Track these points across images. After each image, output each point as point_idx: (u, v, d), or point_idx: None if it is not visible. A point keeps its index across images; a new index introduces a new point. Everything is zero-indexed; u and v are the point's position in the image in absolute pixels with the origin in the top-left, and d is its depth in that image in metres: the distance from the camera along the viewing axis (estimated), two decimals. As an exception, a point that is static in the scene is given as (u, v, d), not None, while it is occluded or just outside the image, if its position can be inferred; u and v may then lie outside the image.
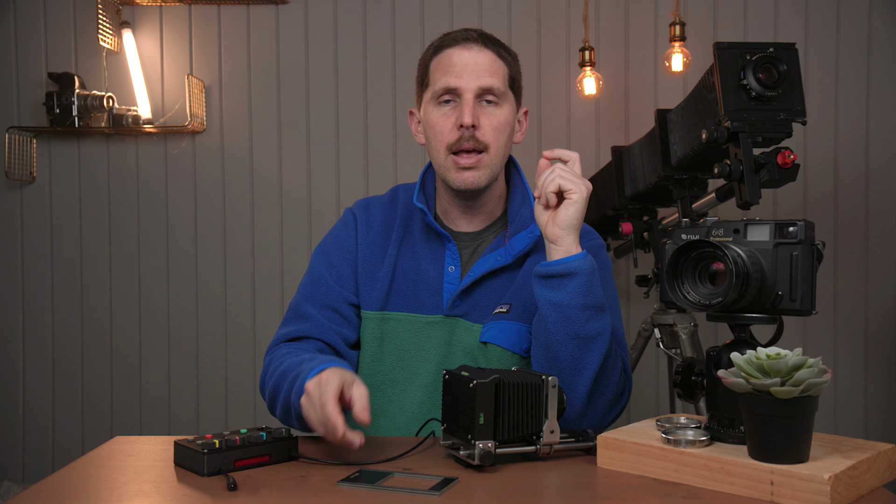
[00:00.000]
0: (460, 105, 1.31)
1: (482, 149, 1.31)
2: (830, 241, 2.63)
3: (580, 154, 1.26)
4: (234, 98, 2.76)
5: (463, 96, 1.31)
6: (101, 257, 2.78)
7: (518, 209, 1.38)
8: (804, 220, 1.01)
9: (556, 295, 1.18)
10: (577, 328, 1.18)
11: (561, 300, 1.18)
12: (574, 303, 1.18)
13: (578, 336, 1.18)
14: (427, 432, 1.21)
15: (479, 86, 1.31)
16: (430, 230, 1.39)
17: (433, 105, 1.34)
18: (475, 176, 1.32)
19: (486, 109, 1.32)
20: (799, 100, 1.48)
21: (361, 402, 1.07)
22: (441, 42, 1.36)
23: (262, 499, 0.94)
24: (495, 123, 1.32)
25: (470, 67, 1.31)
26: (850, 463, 0.91)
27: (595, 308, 1.19)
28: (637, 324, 2.26)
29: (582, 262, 1.19)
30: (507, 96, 1.34)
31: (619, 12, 2.69)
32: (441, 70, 1.33)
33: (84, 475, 1.05)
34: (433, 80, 1.34)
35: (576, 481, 1.01)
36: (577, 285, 1.18)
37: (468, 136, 1.30)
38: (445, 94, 1.32)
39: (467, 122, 1.29)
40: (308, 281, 1.41)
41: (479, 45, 1.33)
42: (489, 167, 1.33)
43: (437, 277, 1.37)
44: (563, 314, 1.18)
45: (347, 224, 1.44)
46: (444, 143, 1.32)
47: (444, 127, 1.32)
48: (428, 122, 1.35)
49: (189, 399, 2.76)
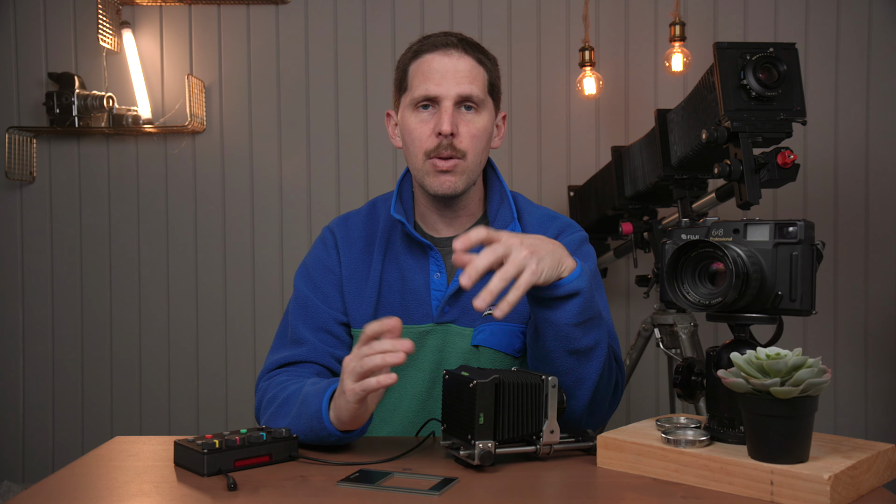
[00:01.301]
0: (439, 112, 1.30)
1: (460, 156, 1.30)
2: (830, 241, 2.63)
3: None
4: (234, 98, 2.76)
5: (442, 104, 1.30)
6: (101, 257, 2.78)
7: (497, 209, 1.38)
8: (804, 220, 1.01)
9: (553, 314, 1.13)
10: (574, 344, 1.14)
11: (558, 320, 1.13)
12: (571, 321, 1.13)
13: (577, 351, 1.15)
14: (427, 432, 1.21)
15: (458, 93, 1.30)
16: (411, 240, 1.38)
17: (411, 110, 1.33)
18: (452, 181, 1.31)
19: (465, 116, 1.31)
20: (799, 100, 1.48)
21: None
22: (420, 46, 1.34)
23: (262, 499, 0.94)
24: (473, 131, 1.31)
25: (450, 74, 1.30)
26: (850, 463, 0.91)
27: (591, 320, 1.15)
28: (637, 324, 2.26)
29: (579, 281, 1.11)
30: (485, 103, 1.33)
31: (619, 12, 2.69)
32: (420, 76, 1.31)
33: (84, 475, 1.05)
34: (412, 85, 1.33)
35: (576, 481, 1.00)
36: (575, 305, 1.12)
37: (446, 143, 1.29)
38: (424, 100, 1.31)
39: (446, 130, 1.28)
40: (296, 305, 1.39)
41: (460, 51, 1.32)
42: (466, 173, 1.32)
43: (424, 286, 1.35)
44: (560, 332, 1.14)
45: (327, 243, 1.43)
46: (423, 149, 1.31)
47: (423, 133, 1.31)
48: (406, 128, 1.34)
49: (189, 399, 2.76)
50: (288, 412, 1.20)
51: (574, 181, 2.64)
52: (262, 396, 1.30)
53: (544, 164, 2.69)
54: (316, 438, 1.14)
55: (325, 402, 1.13)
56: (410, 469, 1.04)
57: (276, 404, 1.24)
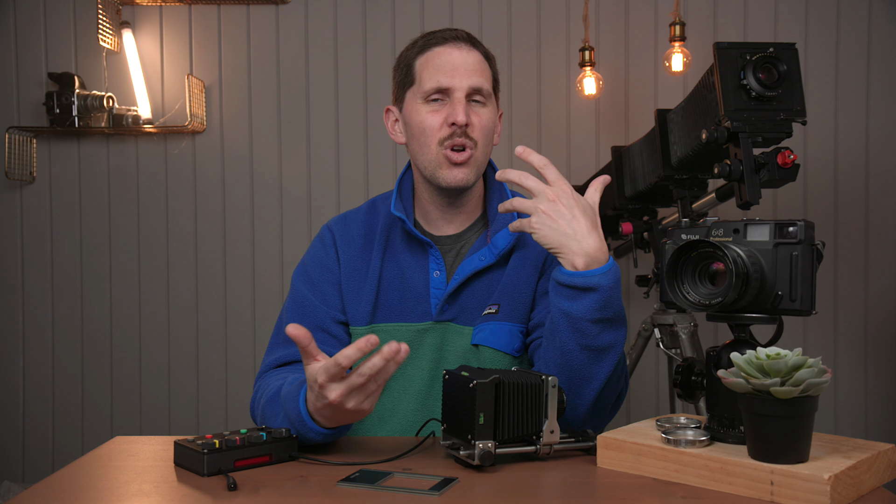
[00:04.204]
0: (450, 104, 1.31)
1: (473, 145, 1.31)
2: (830, 241, 2.63)
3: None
4: (234, 98, 2.76)
5: (454, 95, 1.31)
6: (101, 257, 2.78)
7: (497, 207, 1.38)
8: (804, 220, 1.01)
9: (570, 305, 1.13)
10: (588, 341, 1.14)
11: (575, 312, 1.13)
12: (588, 317, 1.12)
13: (590, 348, 1.14)
14: (427, 432, 1.21)
15: (470, 85, 1.31)
16: (411, 238, 1.38)
17: (421, 103, 1.34)
18: (465, 173, 1.32)
19: (475, 108, 1.33)
20: (799, 100, 1.48)
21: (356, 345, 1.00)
22: (428, 41, 1.35)
23: (262, 499, 0.94)
24: (483, 122, 1.33)
25: (461, 67, 1.31)
26: (850, 463, 0.91)
27: (610, 321, 1.14)
28: (637, 324, 2.26)
29: (603, 276, 1.12)
30: (491, 98, 1.36)
31: (619, 12, 2.69)
32: (431, 69, 1.32)
33: (84, 475, 1.05)
34: (421, 78, 1.33)
35: (576, 481, 1.00)
36: (594, 300, 1.12)
37: (460, 132, 1.30)
38: (436, 92, 1.32)
39: (461, 120, 1.29)
40: (292, 304, 1.39)
41: (469, 45, 1.33)
42: (476, 165, 1.33)
43: (423, 284, 1.35)
44: (575, 325, 1.13)
45: (325, 242, 1.43)
46: (436, 138, 1.32)
47: (435, 123, 1.32)
48: (415, 120, 1.34)
49: (189, 399, 2.76)
50: (276, 412, 1.18)
51: (574, 181, 2.64)
52: (254, 397, 1.30)
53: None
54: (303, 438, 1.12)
55: (301, 403, 1.10)
56: (410, 469, 1.04)
57: (262, 404, 1.23)
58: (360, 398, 1.03)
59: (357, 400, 1.03)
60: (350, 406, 1.03)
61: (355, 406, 1.03)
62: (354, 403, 1.03)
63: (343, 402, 1.03)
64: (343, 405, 1.03)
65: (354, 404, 1.03)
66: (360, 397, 1.03)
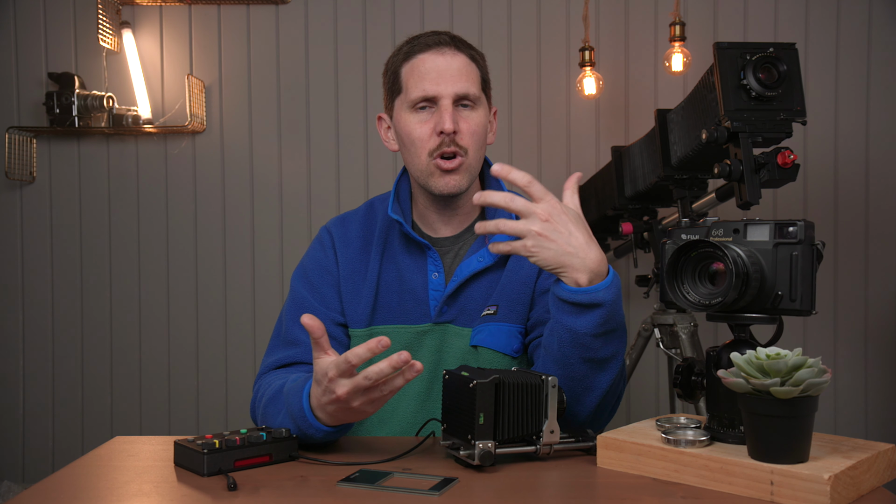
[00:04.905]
0: (438, 111, 1.30)
1: (463, 153, 1.31)
2: (830, 242, 2.63)
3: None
4: (234, 98, 2.76)
5: (440, 102, 1.30)
6: (101, 257, 2.78)
7: (494, 208, 1.37)
8: (804, 220, 1.01)
9: (573, 321, 1.11)
10: (591, 353, 1.13)
11: (579, 328, 1.11)
12: (592, 332, 1.11)
13: (592, 360, 1.14)
14: (427, 432, 1.21)
15: (455, 92, 1.30)
16: (409, 240, 1.37)
17: (409, 112, 1.33)
18: (456, 180, 1.31)
19: (463, 114, 1.31)
20: (799, 100, 1.48)
21: (366, 346, 1.01)
22: (411, 48, 1.33)
23: (262, 499, 0.94)
24: (473, 127, 1.31)
25: (445, 73, 1.30)
26: (850, 463, 0.90)
27: (612, 332, 1.13)
28: (637, 324, 2.26)
29: (607, 291, 1.10)
30: (480, 99, 1.34)
31: (619, 12, 2.69)
32: (416, 77, 1.31)
33: (84, 475, 1.05)
34: (407, 87, 1.32)
35: (576, 481, 1.00)
36: (598, 316, 1.10)
37: (449, 140, 1.29)
38: (422, 101, 1.31)
39: (448, 128, 1.28)
40: (291, 306, 1.38)
41: (452, 49, 1.32)
42: (468, 171, 1.32)
43: (422, 286, 1.35)
44: (578, 341, 1.12)
45: (324, 244, 1.42)
46: (426, 149, 1.31)
47: (423, 133, 1.31)
48: (405, 130, 1.33)
49: (189, 399, 2.76)
50: (277, 410, 1.19)
51: (574, 181, 2.64)
52: (254, 398, 1.30)
53: (544, 163, 2.69)
54: (303, 435, 1.13)
55: (305, 398, 1.11)
56: (410, 469, 1.04)
57: (263, 403, 1.23)
58: (364, 400, 1.05)
59: (362, 401, 1.05)
60: (356, 405, 1.05)
61: (360, 406, 1.05)
62: (359, 403, 1.05)
63: (349, 399, 1.04)
64: (349, 402, 1.05)
65: (359, 404, 1.05)
66: (365, 399, 1.05)
